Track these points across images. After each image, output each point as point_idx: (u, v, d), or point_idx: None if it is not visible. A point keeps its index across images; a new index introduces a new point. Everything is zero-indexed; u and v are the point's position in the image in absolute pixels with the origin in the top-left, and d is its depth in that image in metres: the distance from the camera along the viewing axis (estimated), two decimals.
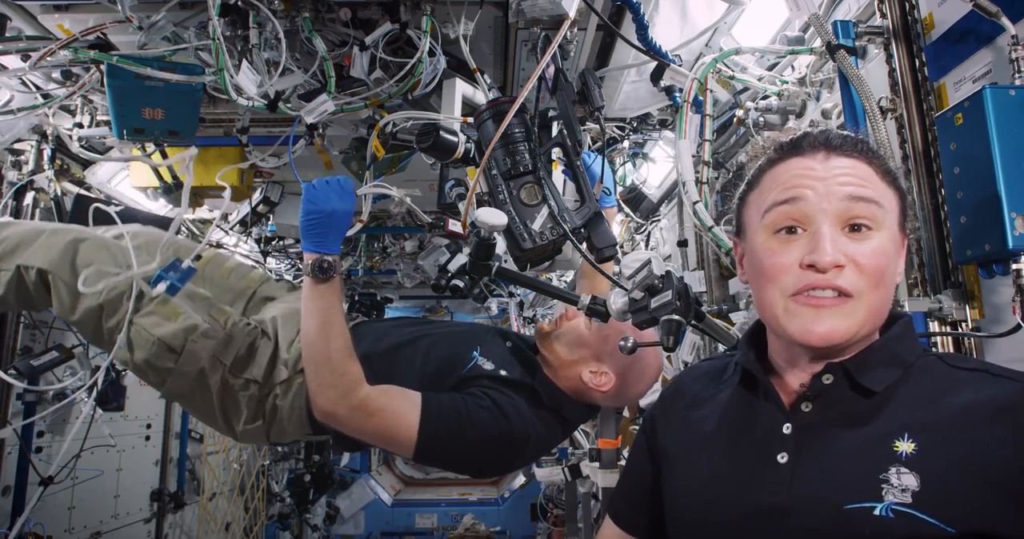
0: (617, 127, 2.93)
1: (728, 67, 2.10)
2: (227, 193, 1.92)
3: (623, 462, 3.47)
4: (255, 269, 2.24)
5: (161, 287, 1.62)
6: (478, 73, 1.98)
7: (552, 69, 1.64)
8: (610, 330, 1.66)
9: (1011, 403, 0.78)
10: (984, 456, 0.76)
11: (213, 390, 1.73)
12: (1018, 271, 1.20)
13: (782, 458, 0.87)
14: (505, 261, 1.98)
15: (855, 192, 0.86)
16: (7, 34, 2.04)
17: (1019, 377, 0.82)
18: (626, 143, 3.13)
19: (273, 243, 4.37)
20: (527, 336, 1.95)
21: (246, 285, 2.12)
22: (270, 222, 3.69)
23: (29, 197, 2.84)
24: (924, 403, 0.83)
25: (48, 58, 1.91)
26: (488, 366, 1.67)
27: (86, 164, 3.14)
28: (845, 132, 0.93)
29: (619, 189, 3.59)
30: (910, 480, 0.77)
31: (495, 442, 1.54)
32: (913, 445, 0.79)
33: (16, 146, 2.74)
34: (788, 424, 0.89)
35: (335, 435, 1.72)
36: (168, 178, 2.70)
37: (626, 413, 3.78)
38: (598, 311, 1.53)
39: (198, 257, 1.70)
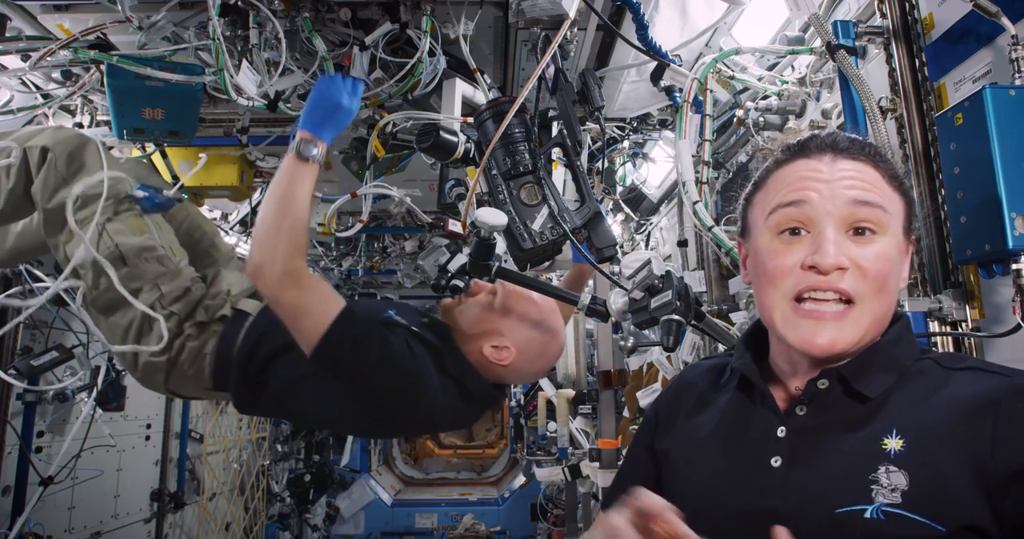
0: (617, 127, 2.93)
1: (728, 67, 2.10)
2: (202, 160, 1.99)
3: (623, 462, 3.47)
4: (233, 248, 2.24)
5: (139, 193, 1.71)
6: (478, 73, 1.98)
7: (552, 69, 1.64)
8: (512, 303, 1.68)
9: (996, 397, 0.78)
10: (969, 450, 0.76)
11: (139, 309, 1.75)
12: (1018, 271, 1.20)
13: (775, 462, 0.87)
14: (505, 261, 1.98)
15: (859, 196, 0.85)
16: (7, 34, 2.05)
17: (1010, 373, 0.82)
18: (626, 143, 3.13)
19: None
20: None
21: (212, 253, 2.12)
22: None
23: None
24: (916, 404, 0.83)
25: (48, 58, 1.91)
26: (402, 321, 1.69)
27: None
28: (853, 135, 0.92)
29: (619, 189, 3.59)
30: (899, 479, 0.77)
31: (395, 371, 1.53)
32: (901, 442, 0.79)
33: None
34: (782, 427, 0.89)
35: (236, 393, 1.72)
36: (168, 178, 2.70)
37: (626, 413, 3.78)
38: (598, 311, 1.54)
39: (182, 193, 1.80)
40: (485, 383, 1.71)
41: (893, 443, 0.79)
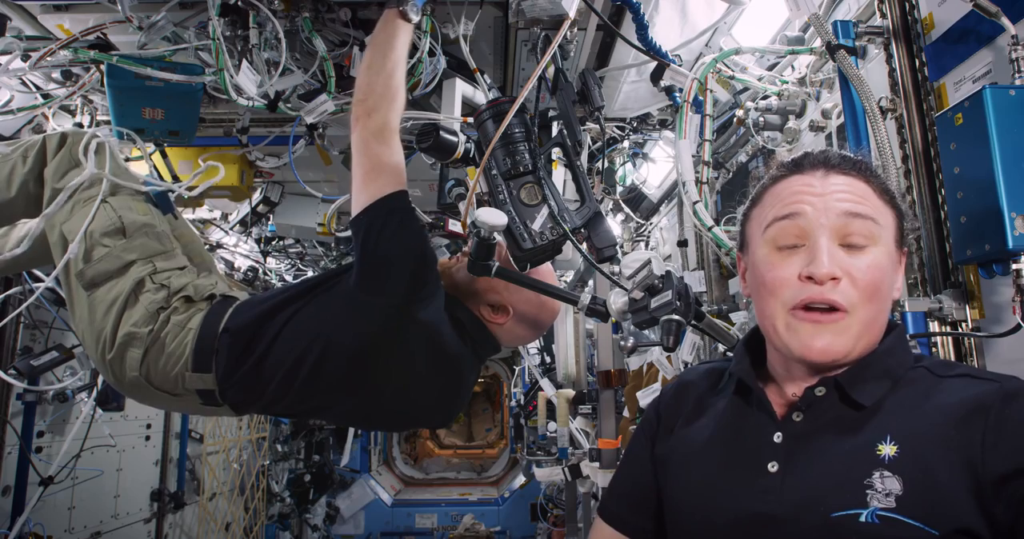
0: (617, 127, 2.93)
1: (728, 67, 2.10)
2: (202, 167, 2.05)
3: None
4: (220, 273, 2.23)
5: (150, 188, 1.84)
6: (478, 73, 1.98)
7: (552, 69, 1.64)
8: (512, 264, 1.65)
9: (987, 402, 0.80)
10: (961, 455, 0.77)
11: (129, 280, 1.76)
12: (1018, 271, 1.20)
13: (772, 467, 0.88)
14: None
15: (851, 209, 0.89)
16: (7, 34, 2.04)
17: (999, 378, 0.84)
18: (626, 143, 3.13)
19: (273, 243, 4.37)
20: None
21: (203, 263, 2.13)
22: (270, 222, 3.69)
23: None
24: (909, 411, 0.85)
25: (48, 58, 1.91)
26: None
27: None
28: (845, 152, 0.97)
29: (619, 189, 3.59)
30: (893, 484, 0.78)
31: (418, 265, 1.52)
32: (895, 448, 0.81)
33: None
34: (779, 433, 0.90)
35: (223, 384, 1.68)
36: (168, 178, 2.70)
37: (626, 413, 3.78)
38: (598, 311, 1.54)
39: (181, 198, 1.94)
40: (477, 323, 1.70)
41: (887, 449, 0.81)
